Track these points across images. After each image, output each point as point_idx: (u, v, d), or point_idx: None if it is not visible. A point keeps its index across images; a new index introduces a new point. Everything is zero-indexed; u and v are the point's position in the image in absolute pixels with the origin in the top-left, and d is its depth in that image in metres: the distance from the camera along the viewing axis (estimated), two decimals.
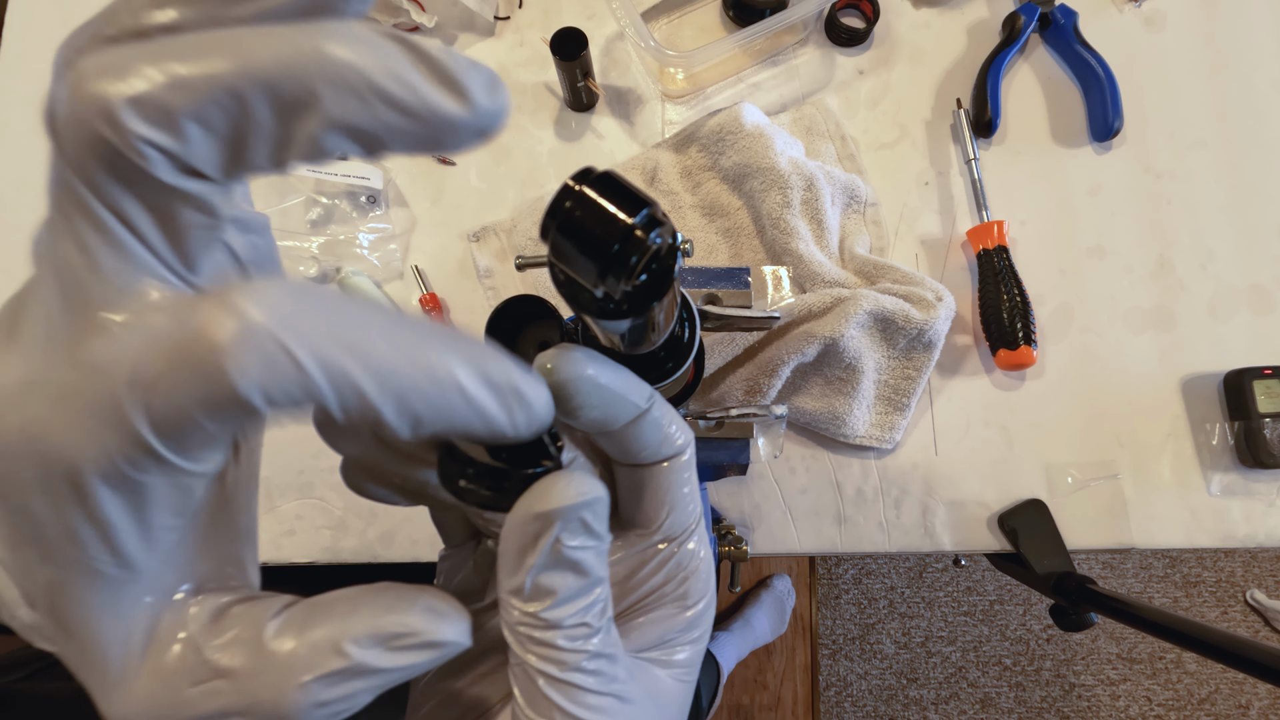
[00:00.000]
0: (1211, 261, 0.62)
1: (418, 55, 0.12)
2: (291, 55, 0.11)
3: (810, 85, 0.67)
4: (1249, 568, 1.49)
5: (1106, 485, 0.59)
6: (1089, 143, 0.65)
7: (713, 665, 1.23)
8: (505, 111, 0.13)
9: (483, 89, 0.12)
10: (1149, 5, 0.67)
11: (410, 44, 0.12)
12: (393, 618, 0.15)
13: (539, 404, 0.15)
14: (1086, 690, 1.44)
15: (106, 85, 0.11)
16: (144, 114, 0.11)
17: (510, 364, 0.14)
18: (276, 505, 0.60)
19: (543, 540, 0.16)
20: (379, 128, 0.12)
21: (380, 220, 0.64)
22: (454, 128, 0.12)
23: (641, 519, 0.21)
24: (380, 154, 0.13)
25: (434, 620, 0.15)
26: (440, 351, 0.13)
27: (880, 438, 0.58)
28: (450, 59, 0.12)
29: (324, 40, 0.11)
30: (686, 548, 0.22)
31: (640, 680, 0.20)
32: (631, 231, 0.16)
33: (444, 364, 0.13)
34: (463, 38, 0.68)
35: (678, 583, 0.21)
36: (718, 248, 0.63)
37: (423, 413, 0.13)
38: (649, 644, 0.21)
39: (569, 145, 0.66)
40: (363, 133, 0.12)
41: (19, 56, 0.69)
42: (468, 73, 0.12)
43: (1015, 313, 0.58)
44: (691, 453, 0.21)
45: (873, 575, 1.49)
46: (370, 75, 0.12)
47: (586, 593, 0.17)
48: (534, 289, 0.62)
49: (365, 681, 0.15)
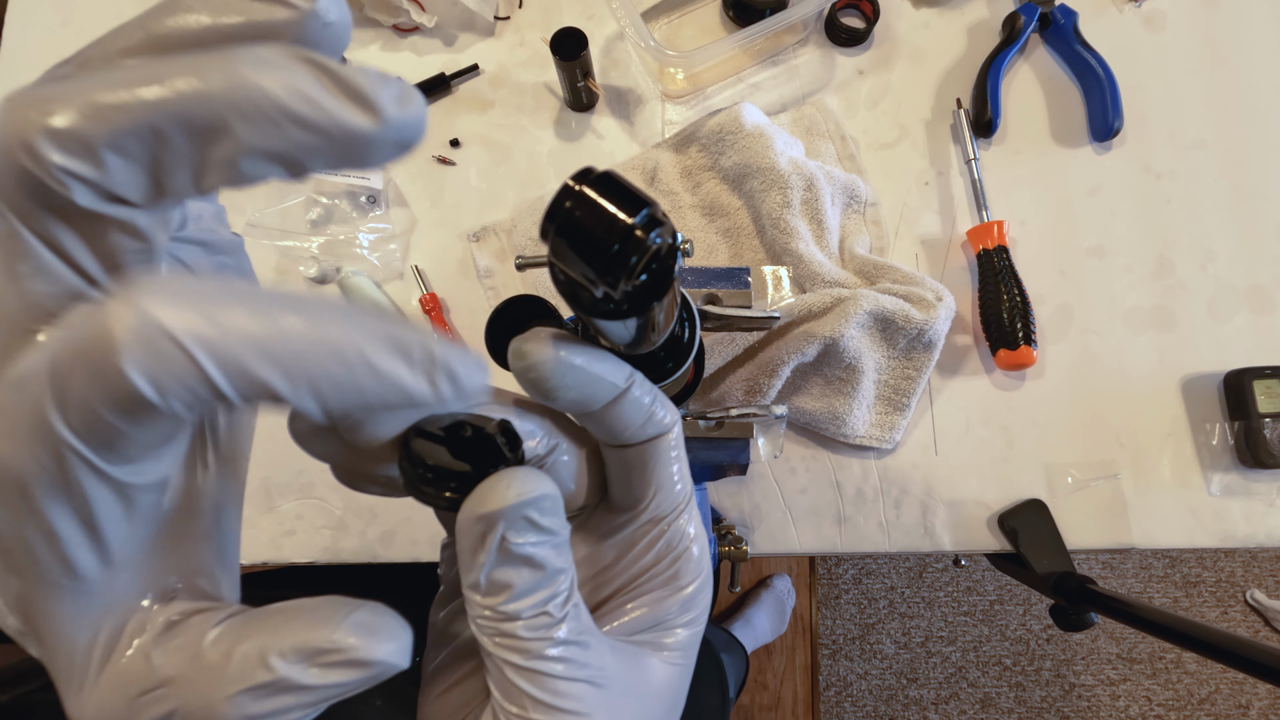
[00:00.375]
0: (1211, 261, 0.62)
1: (324, 73, 0.12)
2: (200, 84, 0.12)
3: (810, 85, 0.67)
4: (1249, 568, 1.49)
5: (1106, 485, 0.59)
6: (1089, 143, 0.65)
7: (739, 649, 1.22)
8: (420, 122, 0.13)
9: (393, 102, 0.13)
10: (1149, 5, 0.67)
11: (318, 63, 0.12)
12: (319, 633, 0.14)
13: (465, 372, 0.14)
14: (1086, 690, 1.44)
15: (27, 117, 0.11)
16: (61, 144, 0.11)
17: (428, 335, 0.14)
18: (276, 505, 0.60)
19: (489, 540, 0.16)
20: (293, 149, 0.12)
21: (380, 220, 0.64)
22: (367, 142, 0.13)
23: (630, 499, 0.21)
24: (302, 174, 0.13)
25: (365, 638, 0.15)
26: (342, 326, 0.13)
27: (880, 438, 0.58)
28: (358, 75, 0.12)
29: (232, 66, 0.12)
30: (676, 526, 0.22)
31: (624, 665, 0.20)
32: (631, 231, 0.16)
33: (346, 337, 0.12)
34: (463, 38, 0.68)
35: (668, 563, 0.21)
36: (718, 248, 0.63)
37: (327, 389, 0.12)
38: (641, 627, 0.21)
39: (569, 145, 0.66)
40: (278, 154, 0.12)
41: (19, 57, 0.69)
42: (376, 87, 0.12)
43: (1015, 313, 0.58)
44: (678, 432, 0.21)
45: (873, 575, 1.49)
46: (277, 97, 0.12)
47: (543, 585, 0.17)
48: (534, 289, 0.62)
49: (294, 697, 0.14)
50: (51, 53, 0.69)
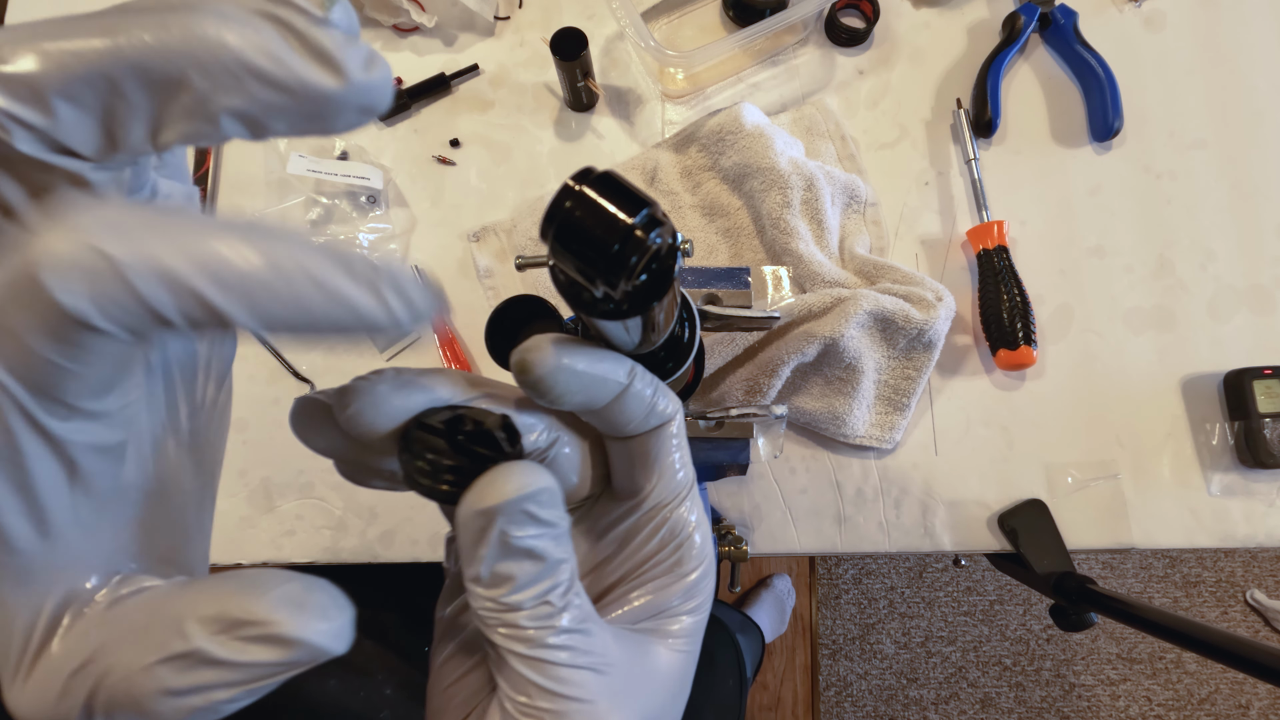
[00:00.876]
0: (1211, 261, 0.62)
1: (290, 31, 0.12)
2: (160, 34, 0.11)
3: (810, 85, 0.67)
4: (1249, 568, 1.49)
5: (1106, 485, 0.59)
6: (1089, 143, 0.65)
7: (755, 630, 1.22)
8: (385, 86, 0.13)
9: (359, 64, 0.12)
10: (1149, 5, 0.67)
11: (283, 20, 0.12)
12: (239, 601, 0.13)
13: (412, 288, 0.13)
14: (1086, 690, 1.44)
15: None
16: (8, 89, 0.11)
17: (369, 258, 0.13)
18: (276, 505, 0.60)
19: (489, 534, 0.17)
20: (254, 106, 0.12)
21: (380, 220, 0.64)
22: (332, 103, 0.12)
23: (632, 488, 0.22)
24: (263, 134, 0.13)
25: (290, 613, 0.13)
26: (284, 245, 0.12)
27: (880, 438, 0.58)
28: (323, 33, 0.12)
29: (194, 19, 0.11)
30: (678, 513, 0.22)
31: (627, 652, 0.20)
32: (631, 231, 0.16)
33: (289, 255, 0.12)
34: (463, 37, 0.68)
35: (672, 549, 0.22)
36: (718, 248, 0.63)
37: (267, 302, 0.12)
38: (645, 615, 0.21)
39: (569, 145, 0.66)
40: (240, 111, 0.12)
41: None
42: (342, 47, 0.12)
43: (1015, 313, 0.58)
44: (680, 420, 0.22)
45: (873, 575, 1.49)
46: (240, 52, 0.12)
47: (545, 576, 0.17)
48: (534, 289, 0.62)
49: (214, 674, 0.13)
50: None
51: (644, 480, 0.21)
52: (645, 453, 0.21)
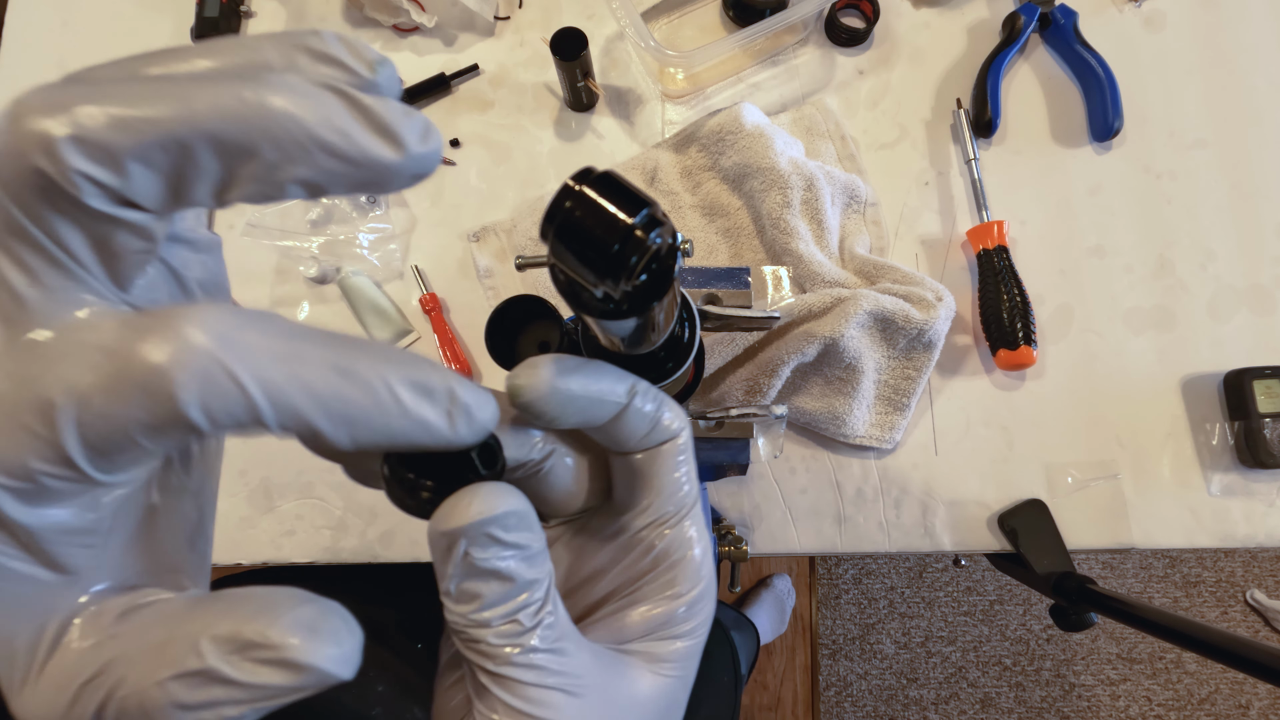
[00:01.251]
0: (1211, 261, 0.62)
1: (355, 106, 0.13)
2: (234, 106, 0.12)
3: (810, 85, 0.67)
4: (1249, 568, 1.49)
5: (1106, 485, 0.59)
6: (1089, 143, 0.65)
7: (750, 628, 1.22)
8: (438, 155, 0.14)
9: (416, 136, 0.13)
10: (1149, 5, 0.67)
11: (348, 95, 0.13)
12: (255, 625, 0.13)
13: (479, 409, 0.15)
14: (1086, 690, 1.44)
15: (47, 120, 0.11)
16: (85, 151, 0.11)
17: (447, 373, 0.15)
18: (276, 505, 0.60)
19: (454, 553, 0.17)
20: (319, 175, 0.13)
21: (380, 220, 0.64)
22: (390, 172, 0.13)
23: (632, 503, 0.21)
24: (319, 196, 0.14)
25: (304, 637, 0.13)
26: (376, 366, 0.14)
27: (880, 438, 0.58)
28: (385, 107, 0.13)
29: (266, 92, 0.12)
30: (677, 531, 0.21)
31: (606, 674, 0.19)
32: (631, 231, 0.16)
33: (380, 378, 0.14)
34: (463, 37, 0.68)
35: (665, 569, 0.21)
36: (718, 248, 0.63)
37: (360, 427, 0.13)
38: (634, 634, 0.21)
39: (569, 145, 0.66)
40: (306, 180, 0.13)
41: (19, 57, 0.69)
42: (402, 121, 0.13)
43: (1015, 313, 0.58)
44: (687, 437, 0.21)
45: (873, 575, 1.49)
46: (310, 126, 0.12)
47: (513, 596, 0.17)
48: (534, 289, 0.62)
49: (226, 692, 0.13)
50: (51, 53, 0.69)
51: (644, 495, 0.21)
52: (647, 470, 0.21)
